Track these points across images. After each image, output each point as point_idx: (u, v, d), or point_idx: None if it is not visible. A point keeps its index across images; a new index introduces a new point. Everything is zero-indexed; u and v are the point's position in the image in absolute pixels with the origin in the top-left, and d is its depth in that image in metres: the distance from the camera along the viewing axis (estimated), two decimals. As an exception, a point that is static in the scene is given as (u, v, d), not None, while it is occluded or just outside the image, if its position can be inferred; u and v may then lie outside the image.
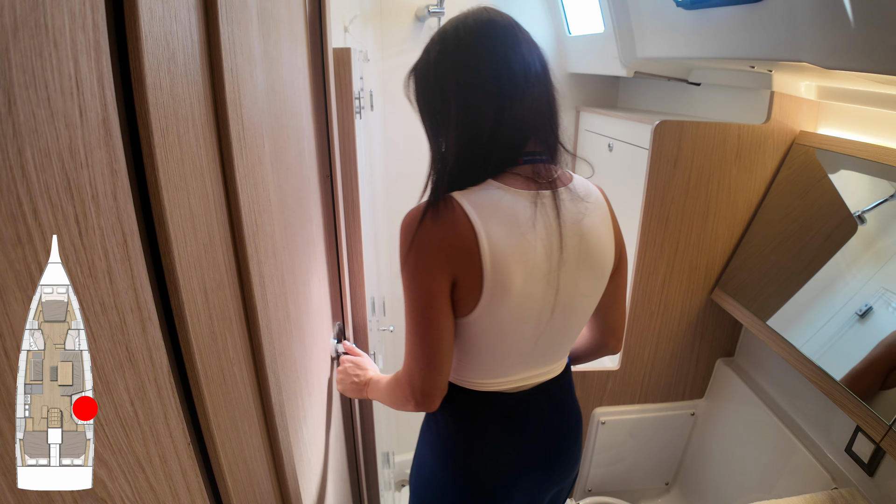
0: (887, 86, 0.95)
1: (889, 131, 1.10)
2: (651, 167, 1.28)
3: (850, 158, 1.14)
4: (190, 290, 0.45)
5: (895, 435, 0.88)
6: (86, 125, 0.29)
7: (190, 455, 0.45)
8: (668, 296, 1.42)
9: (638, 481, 1.69)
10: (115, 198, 0.32)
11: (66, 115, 0.27)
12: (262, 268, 0.63)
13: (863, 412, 0.94)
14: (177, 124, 0.43)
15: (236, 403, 0.58)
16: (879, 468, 1.03)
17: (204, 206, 0.49)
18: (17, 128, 0.24)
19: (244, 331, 0.61)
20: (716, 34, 1.11)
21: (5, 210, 0.23)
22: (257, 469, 0.66)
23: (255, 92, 0.62)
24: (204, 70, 0.49)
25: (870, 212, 1.08)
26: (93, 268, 0.30)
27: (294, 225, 0.82)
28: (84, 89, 0.29)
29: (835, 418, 1.16)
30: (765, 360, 1.41)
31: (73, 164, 0.28)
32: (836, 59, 0.82)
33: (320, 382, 1.03)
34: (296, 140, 0.84)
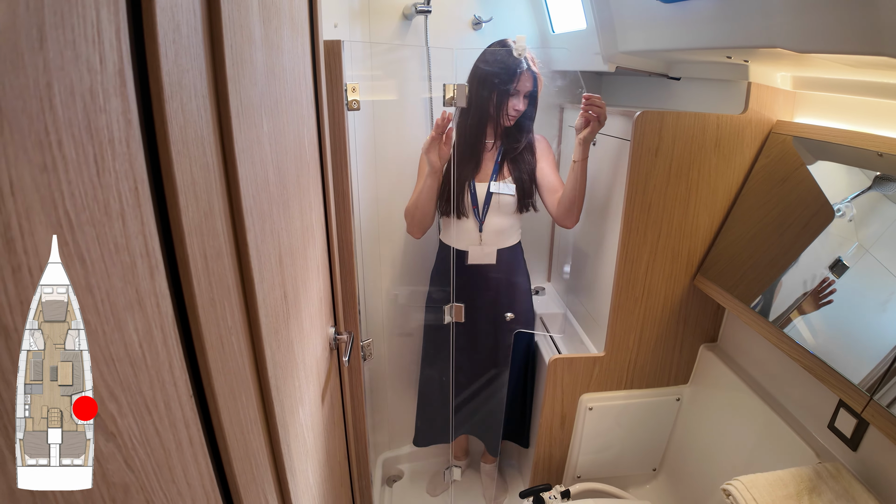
0: (860, 70, 0.99)
1: (861, 117, 1.14)
2: (633, 156, 1.32)
3: (825, 145, 1.17)
4: (192, 253, 0.47)
5: (876, 406, 0.91)
6: (105, 72, 0.31)
7: (192, 408, 0.47)
8: (652, 282, 1.46)
9: (626, 467, 1.72)
10: (128, 145, 0.34)
11: (88, 59, 0.29)
12: (258, 243, 0.65)
13: (844, 385, 0.97)
14: (181, 92, 0.45)
15: (234, 373, 0.59)
16: (862, 443, 1.06)
17: (205, 175, 0.51)
18: (47, 63, 0.26)
19: (241, 302, 0.63)
20: (694, 25, 1.15)
21: (34, 137, 0.26)
22: (253, 441, 0.67)
23: (254, 73, 0.64)
24: (206, 45, 0.52)
25: (848, 203, 1.12)
26: (108, 208, 0.32)
27: (292, 208, 0.84)
28: (104, 38, 0.31)
29: (817, 397, 1.19)
30: (747, 344, 1.45)
31: (94, 107, 0.30)
32: (810, 43, 0.86)
33: (318, 370, 1.05)
34: (295, 126, 0.86)
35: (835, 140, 1.13)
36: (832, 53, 0.84)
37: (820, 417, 1.18)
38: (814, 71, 1.20)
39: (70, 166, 0.28)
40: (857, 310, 1.03)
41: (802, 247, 1.18)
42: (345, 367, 1.26)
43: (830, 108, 1.24)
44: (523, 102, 1.58)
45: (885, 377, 0.91)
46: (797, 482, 1.01)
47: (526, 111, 1.61)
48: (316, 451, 1.03)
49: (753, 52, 1.09)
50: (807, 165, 1.21)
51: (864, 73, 1.02)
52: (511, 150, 1.65)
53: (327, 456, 1.13)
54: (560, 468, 1.71)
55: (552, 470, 1.71)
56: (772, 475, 1.03)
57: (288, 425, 0.81)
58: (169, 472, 0.43)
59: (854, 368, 0.98)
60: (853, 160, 1.12)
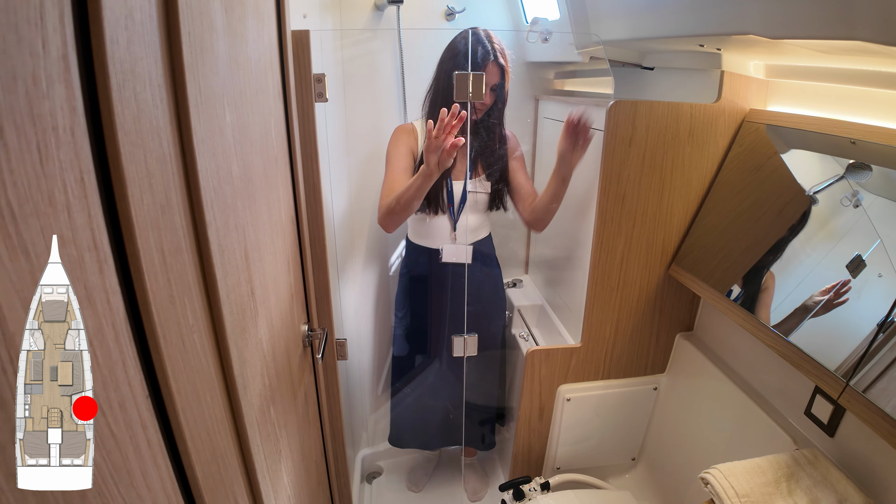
0: (830, 57, 0.99)
1: (834, 104, 1.15)
2: (606, 147, 1.32)
3: (797, 132, 1.18)
4: (147, 248, 0.45)
5: (852, 391, 0.91)
6: (48, 57, 0.30)
7: (149, 408, 0.45)
8: (627, 272, 1.46)
9: (605, 457, 1.73)
10: (72, 133, 0.33)
11: (30, 43, 0.28)
12: (221, 238, 0.63)
13: (820, 372, 0.98)
14: (134, 81, 0.43)
15: (197, 371, 0.58)
16: (839, 429, 1.07)
17: (161, 167, 0.49)
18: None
19: (204, 300, 0.61)
20: (667, 13, 1.15)
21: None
22: (220, 441, 0.66)
23: (216, 62, 0.62)
24: (162, 32, 0.50)
25: (821, 192, 1.13)
26: (52, 198, 0.31)
27: (259, 202, 0.82)
28: (47, 22, 0.30)
29: (793, 384, 1.20)
30: (723, 332, 1.47)
31: (36, 93, 0.29)
32: (782, 29, 0.86)
33: (291, 367, 1.03)
34: (262, 117, 0.84)
35: (808, 128, 1.14)
36: (805, 39, 0.84)
37: (796, 404, 1.19)
38: (786, 59, 1.21)
39: (12, 154, 0.27)
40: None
41: (776, 235, 1.19)
42: (319, 364, 1.24)
43: (803, 96, 1.25)
44: (490, 96, 1.53)
45: (860, 363, 0.92)
46: (775, 469, 1.02)
47: (494, 105, 1.56)
48: (290, 450, 1.01)
49: (726, 39, 1.09)
50: (780, 154, 1.22)
51: (837, 60, 1.03)
52: (483, 146, 1.62)
53: (303, 455, 1.12)
54: (539, 460, 1.72)
55: (531, 462, 1.72)
56: (749, 463, 1.04)
57: (258, 425, 0.79)
58: (127, 476, 0.41)
59: (830, 355, 0.99)
60: (826, 148, 1.13)
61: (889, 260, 0.98)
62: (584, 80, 2.03)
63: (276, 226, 0.94)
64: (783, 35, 0.86)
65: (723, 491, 0.99)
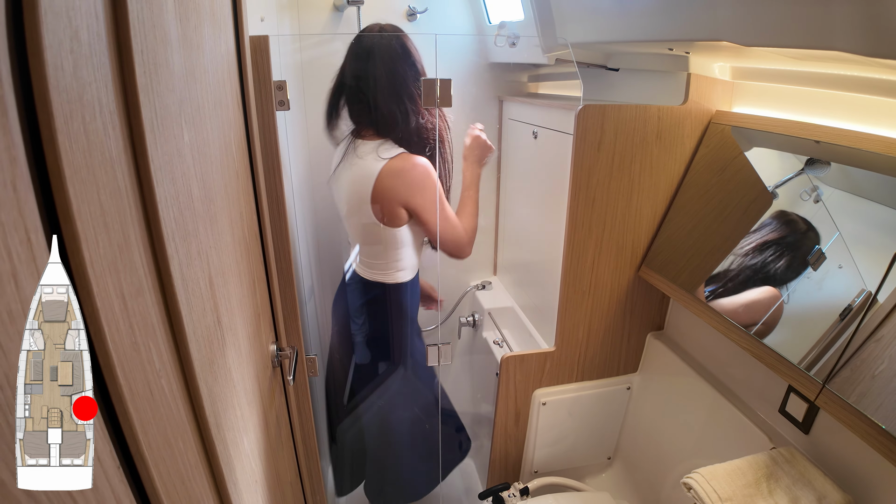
0: (799, 62, 1.00)
1: (798, 106, 1.17)
2: (576, 151, 1.30)
3: (762, 133, 1.19)
4: (105, 296, 0.40)
5: (829, 392, 0.92)
6: None
7: (122, 479, 0.40)
8: (598, 275, 1.46)
9: (581, 458, 1.73)
10: (14, 188, 0.28)
11: None
12: (184, 270, 0.58)
13: (794, 373, 0.99)
14: (82, 110, 0.38)
15: (167, 419, 0.53)
16: (814, 426, 1.09)
17: (116, 202, 0.44)
18: None
19: (169, 340, 0.56)
20: (636, 17, 1.14)
21: None
22: (196, 487, 0.61)
23: (171, 78, 0.57)
24: (112, 51, 0.44)
25: (782, 186, 1.15)
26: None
27: (222, 222, 0.77)
28: None
29: (766, 381, 1.21)
30: (693, 331, 1.48)
31: None
32: (758, 37, 0.85)
33: (261, 392, 0.98)
34: (220, 131, 0.79)
35: (773, 129, 1.15)
36: (780, 47, 0.83)
37: (771, 402, 1.20)
38: (754, 62, 1.21)
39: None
40: (799, 291, 1.05)
41: (742, 233, 1.20)
42: (290, 384, 1.19)
43: (768, 98, 1.26)
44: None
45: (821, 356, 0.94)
46: (755, 470, 1.03)
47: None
48: (264, 477, 0.96)
49: (696, 43, 1.09)
50: (745, 153, 1.23)
51: (807, 65, 1.03)
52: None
53: (277, 480, 1.07)
54: (517, 465, 1.71)
55: (509, 468, 1.70)
56: (730, 465, 1.05)
57: (233, 460, 0.75)
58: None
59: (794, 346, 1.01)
60: (791, 148, 1.14)
61: (848, 251, 1.00)
62: (552, 84, 2.03)
63: (239, 244, 0.89)
64: (759, 43, 0.85)
65: (706, 495, 0.99)
